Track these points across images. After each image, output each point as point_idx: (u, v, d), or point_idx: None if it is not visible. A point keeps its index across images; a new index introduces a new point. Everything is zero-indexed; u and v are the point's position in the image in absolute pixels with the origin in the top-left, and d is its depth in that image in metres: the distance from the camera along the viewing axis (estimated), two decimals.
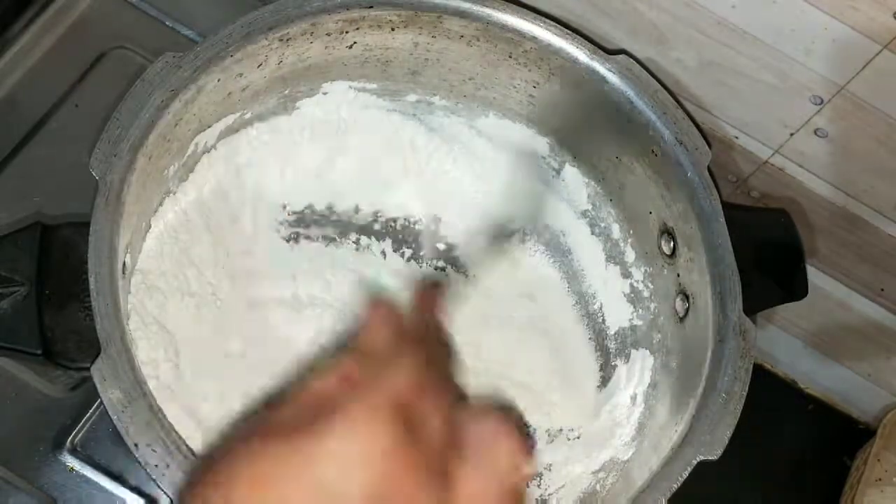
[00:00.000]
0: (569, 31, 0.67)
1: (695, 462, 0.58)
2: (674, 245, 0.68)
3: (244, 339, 0.68)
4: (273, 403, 0.43)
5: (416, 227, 0.76)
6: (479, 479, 0.42)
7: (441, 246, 0.76)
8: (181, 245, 0.68)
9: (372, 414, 0.39)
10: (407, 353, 0.44)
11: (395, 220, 0.76)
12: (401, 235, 0.76)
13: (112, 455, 0.67)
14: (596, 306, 0.76)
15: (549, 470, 0.70)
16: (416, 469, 0.40)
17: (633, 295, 0.73)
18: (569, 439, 0.71)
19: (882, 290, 0.74)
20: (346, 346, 0.48)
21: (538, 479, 0.70)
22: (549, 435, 0.71)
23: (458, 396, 0.46)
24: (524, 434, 0.45)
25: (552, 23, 0.67)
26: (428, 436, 0.41)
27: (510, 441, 0.43)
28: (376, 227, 0.75)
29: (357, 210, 0.75)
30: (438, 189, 0.77)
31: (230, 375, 0.67)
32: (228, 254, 0.70)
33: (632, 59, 0.67)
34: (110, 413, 0.53)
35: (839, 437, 0.84)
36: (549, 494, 0.70)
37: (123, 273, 0.59)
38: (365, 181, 0.75)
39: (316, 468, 0.38)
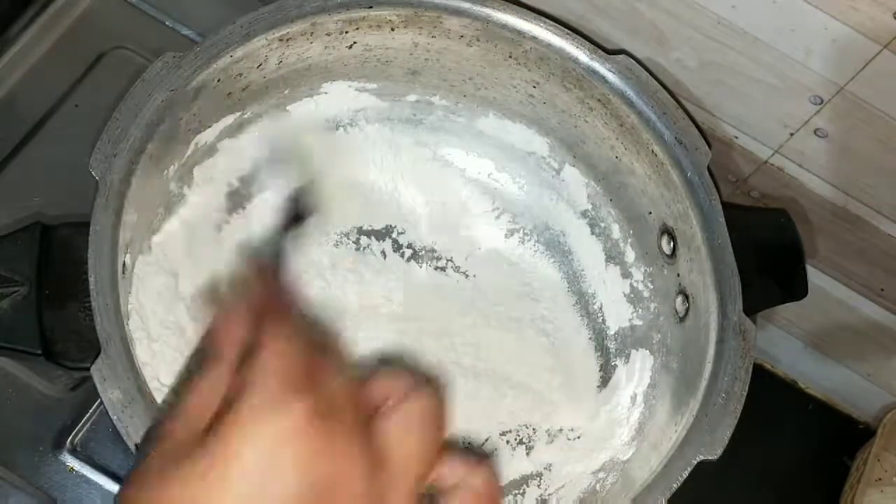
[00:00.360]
0: (569, 31, 0.67)
1: (695, 462, 0.58)
2: (674, 245, 0.68)
3: None
4: (166, 419, 0.42)
5: (417, 227, 0.76)
6: (403, 434, 0.42)
7: (441, 246, 0.76)
8: (182, 241, 0.68)
9: (267, 406, 0.39)
10: (272, 337, 0.42)
11: (394, 223, 0.76)
12: (401, 235, 0.76)
13: (112, 455, 0.67)
14: (596, 306, 0.75)
15: (549, 470, 0.70)
16: (338, 437, 0.39)
17: (632, 295, 0.73)
18: (569, 439, 0.71)
19: (882, 290, 0.74)
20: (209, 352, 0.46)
21: (538, 479, 0.70)
22: (549, 435, 0.71)
23: (352, 367, 0.45)
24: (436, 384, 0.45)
25: (552, 23, 0.67)
26: (339, 404, 0.40)
27: (427, 391, 0.43)
28: (376, 227, 0.75)
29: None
30: (439, 190, 0.77)
31: None
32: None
33: (632, 59, 0.67)
34: (110, 413, 0.53)
35: (839, 437, 0.84)
36: (549, 494, 0.70)
37: (123, 273, 0.59)
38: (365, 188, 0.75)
39: (233, 482, 0.38)
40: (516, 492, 0.70)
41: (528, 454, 0.71)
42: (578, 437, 0.71)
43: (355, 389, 0.42)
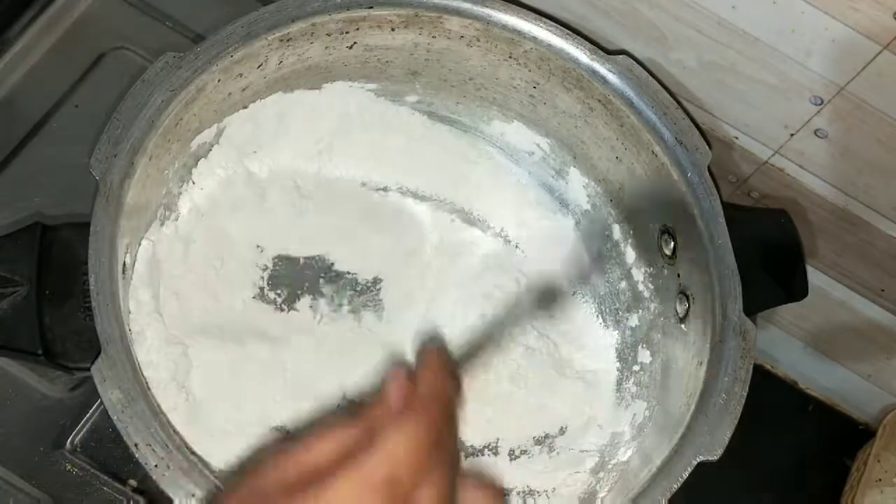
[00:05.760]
0: (569, 32, 0.67)
1: (695, 462, 0.58)
2: (674, 245, 0.68)
3: (245, 338, 0.69)
4: (267, 465, 0.43)
5: (419, 227, 0.76)
6: None
7: (440, 247, 0.76)
8: (187, 242, 0.68)
9: (361, 490, 0.39)
10: (411, 422, 0.42)
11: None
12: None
13: (112, 455, 0.67)
14: (597, 306, 0.76)
15: (549, 469, 0.70)
16: None
17: (632, 295, 0.73)
18: (571, 448, 0.71)
19: (882, 290, 0.74)
20: (353, 411, 0.48)
21: (537, 490, 0.70)
22: (549, 436, 0.71)
23: (456, 468, 0.45)
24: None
25: (552, 23, 0.67)
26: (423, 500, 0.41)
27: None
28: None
29: None
30: (439, 191, 0.77)
31: (231, 373, 0.67)
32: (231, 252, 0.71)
33: (632, 60, 0.67)
34: (110, 413, 0.53)
35: (839, 437, 0.84)
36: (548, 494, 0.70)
37: (123, 273, 0.59)
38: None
39: None
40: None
41: (527, 463, 0.71)
42: (580, 439, 0.71)
43: (446, 495, 0.43)
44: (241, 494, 0.41)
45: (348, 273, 0.73)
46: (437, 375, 0.48)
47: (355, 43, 0.68)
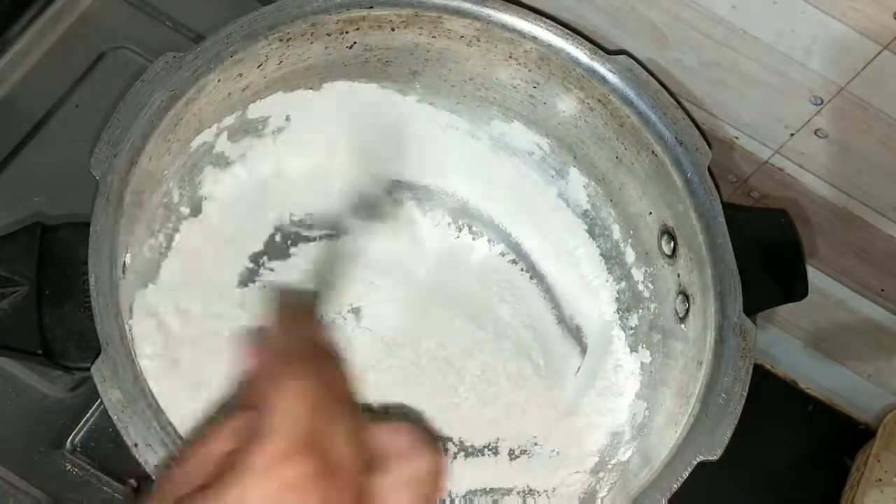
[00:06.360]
0: (569, 32, 0.67)
1: (695, 462, 0.58)
2: (674, 245, 0.68)
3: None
4: (178, 458, 0.42)
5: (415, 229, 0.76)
6: (398, 492, 0.42)
7: (437, 249, 0.76)
8: (190, 242, 0.68)
9: (275, 458, 0.39)
10: (288, 382, 0.42)
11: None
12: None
13: (112, 455, 0.67)
14: (598, 308, 0.76)
15: (549, 469, 0.70)
16: (331, 499, 0.39)
17: (632, 295, 0.73)
18: (569, 447, 0.71)
19: (882, 290, 0.74)
20: (237, 391, 0.47)
21: (535, 491, 0.70)
22: (547, 441, 0.71)
23: (358, 413, 0.44)
24: (437, 445, 0.44)
25: (552, 23, 0.67)
26: (337, 461, 0.40)
27: (428, 451, 0.43)
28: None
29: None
30: (438, 191, 0.77)
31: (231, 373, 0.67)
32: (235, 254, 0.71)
33: (632, 60, 0.67)
34: (110, 413, 0.53)
35: (839, 437, 0.84)
36: (549, 494, 0.70)
37: (123, 273, 0.59)
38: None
39: None
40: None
41: (527, 463, 0.71)
42: (579, 440, 0.71)
43: (357, 443, 0.42)
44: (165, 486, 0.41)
45: None
46: (289, 325, 0.47)
47: (355, 43, 0.68)
